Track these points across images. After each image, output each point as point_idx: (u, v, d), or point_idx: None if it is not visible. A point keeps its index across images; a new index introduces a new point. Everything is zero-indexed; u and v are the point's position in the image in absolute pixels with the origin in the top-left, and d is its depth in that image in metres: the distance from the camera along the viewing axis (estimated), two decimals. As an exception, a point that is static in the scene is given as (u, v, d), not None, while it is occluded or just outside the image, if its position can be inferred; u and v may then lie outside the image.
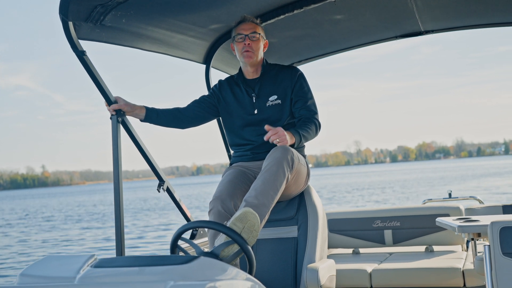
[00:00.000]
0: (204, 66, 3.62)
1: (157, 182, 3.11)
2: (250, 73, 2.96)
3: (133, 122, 2.93)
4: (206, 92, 3.59)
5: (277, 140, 2.57)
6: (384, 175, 69.08)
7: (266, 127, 2.59)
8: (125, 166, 2.83)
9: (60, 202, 57.68)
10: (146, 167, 3.07)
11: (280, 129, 2.59)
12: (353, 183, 49.00)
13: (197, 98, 3.07)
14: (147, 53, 3.14)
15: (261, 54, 2.93)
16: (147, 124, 2.95)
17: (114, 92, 2.82)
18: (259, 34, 2.89)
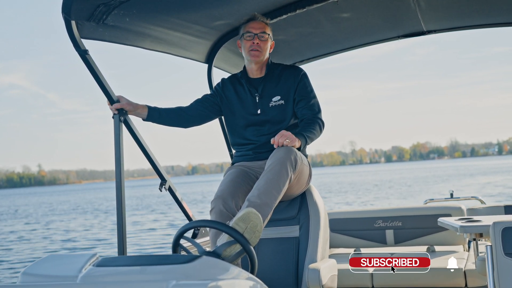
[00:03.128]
0: (206, 65, 3.59)
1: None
2: (254, 72, 2.94)
3: (135, 121, 2.91)
4: (204, 90, 3.57)
5: (287, 140, 2.57)
6: (379, 174, 69.28)
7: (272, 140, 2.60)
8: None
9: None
10: (142, 166, 3.09)
11: (284, 131, 2.60)
12: (349, 182, 49.13)
13: (200, 97, 3.05)
14: (144, 51, 3.12)
15: (267, 54, 2.91)
16: (149, 123, 2.93)
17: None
18: (268, 34, 2.87)
